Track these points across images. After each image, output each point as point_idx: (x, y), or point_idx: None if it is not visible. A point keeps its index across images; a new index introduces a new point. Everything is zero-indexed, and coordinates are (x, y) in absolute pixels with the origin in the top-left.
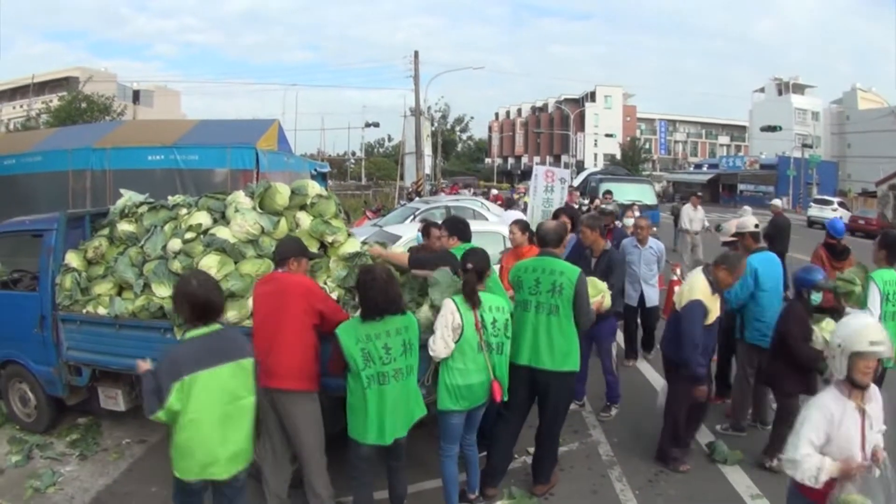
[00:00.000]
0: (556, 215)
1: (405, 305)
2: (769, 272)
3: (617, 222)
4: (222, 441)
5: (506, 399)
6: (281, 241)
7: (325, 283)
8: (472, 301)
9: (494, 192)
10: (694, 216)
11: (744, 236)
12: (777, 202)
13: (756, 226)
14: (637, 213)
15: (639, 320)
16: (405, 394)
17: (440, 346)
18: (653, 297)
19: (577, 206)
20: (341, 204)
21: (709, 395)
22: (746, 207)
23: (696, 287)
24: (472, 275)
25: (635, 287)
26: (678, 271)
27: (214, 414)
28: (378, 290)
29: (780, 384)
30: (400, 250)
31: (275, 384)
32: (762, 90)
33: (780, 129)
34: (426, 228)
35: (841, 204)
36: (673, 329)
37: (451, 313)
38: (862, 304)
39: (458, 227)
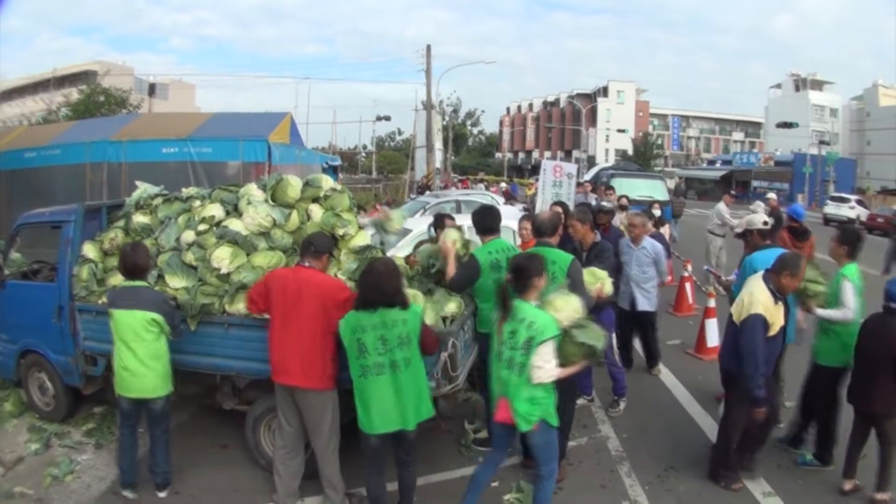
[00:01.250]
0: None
1: (405, 299)
2: None
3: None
4: (134, 368)
5: (525, 429)
6: (316, 236)
7: (336, 276)
8: (502, 311)
9: (503, 185)
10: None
11: (752, 233)
12: (773, 196)
13: (765, 223)
14: (658, 212)
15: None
16: (407, 386)
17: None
18: (642, 303)
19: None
20: (354, 198)
21: (772, 414)
22: (759, 203)
23: (756, 299)
24: (507, 286)
25: (627, 287)
26: (689, 267)
27: (127, 346)
28: (369, 284)
29: (890, 407)
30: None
31: (295, 383)
32: (779, 86)
33: (797, 125)
34: (439, 219)
35: (859, 202)
36: (731, 341)
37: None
38: (830, 303)
39: (478, 218)
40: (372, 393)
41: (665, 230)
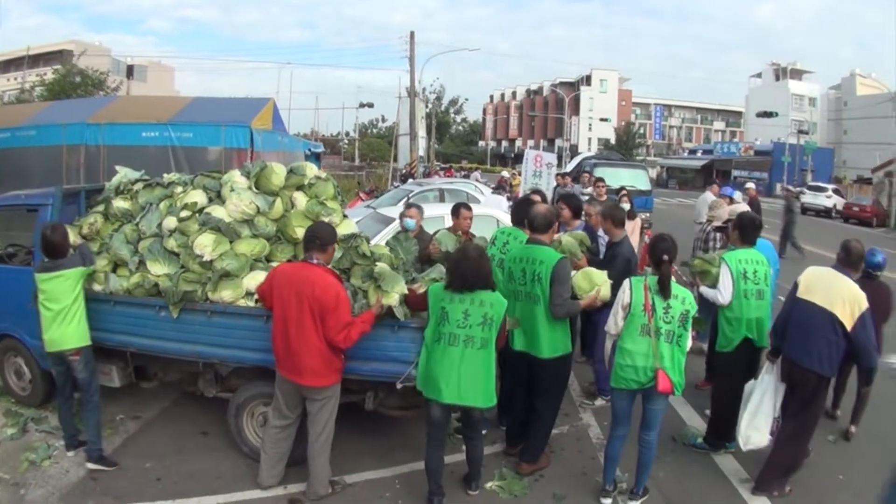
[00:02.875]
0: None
1: (493, 282)
2: None
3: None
4: (44, 323)
5: (677, 394)
6: (320, 227)
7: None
8: (665, 293)
9: (504, 173)
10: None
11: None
12: (751, 185)
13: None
14: (627, 205)
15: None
16: (474, 365)
17: (611, 322)
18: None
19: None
20: (339, 186)
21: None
22: (737, 192)
23: (860, 295)
24: (668, 266)
25: None
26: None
27: (43, 304)
28: (469, 269)
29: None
30: None
31: (300, 381)
32: (759, 75)
33: (777, 114)
34: (456, 209)
35: (836, 191)
36: (832, 346)
37: (624, 291)
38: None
39: (512, 210)
40: (438, 360)
41: (636, 223)
